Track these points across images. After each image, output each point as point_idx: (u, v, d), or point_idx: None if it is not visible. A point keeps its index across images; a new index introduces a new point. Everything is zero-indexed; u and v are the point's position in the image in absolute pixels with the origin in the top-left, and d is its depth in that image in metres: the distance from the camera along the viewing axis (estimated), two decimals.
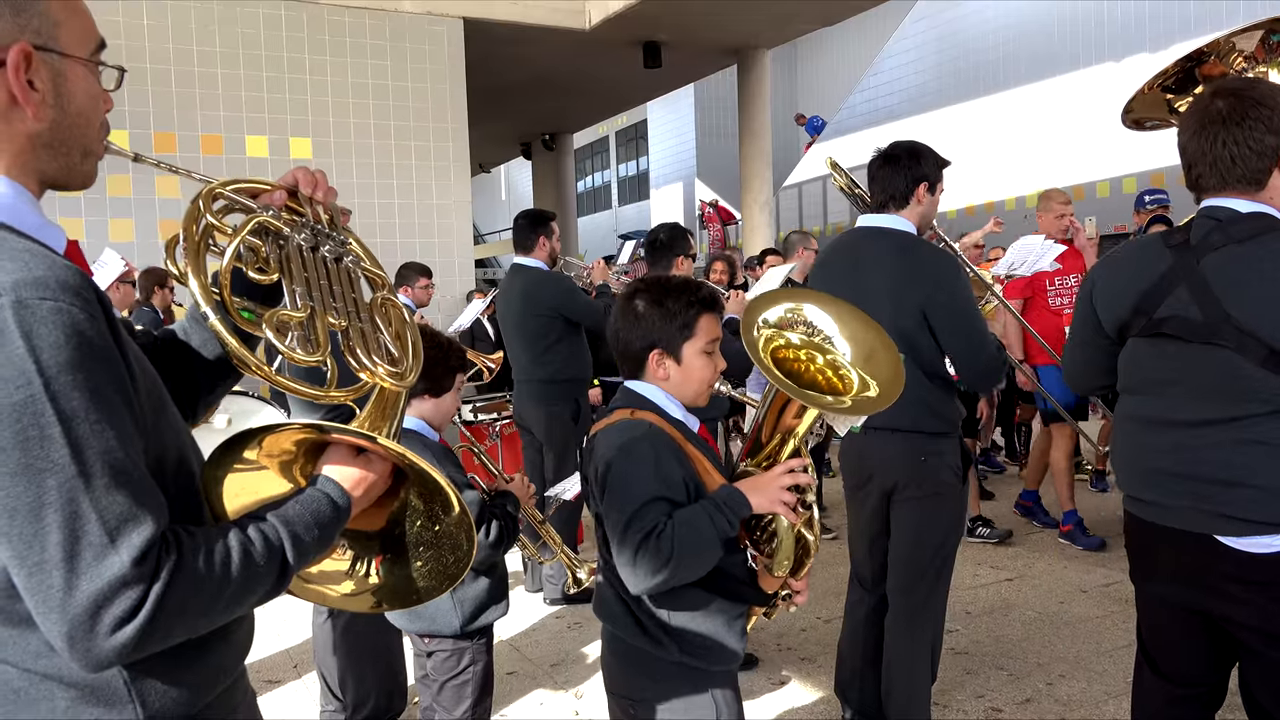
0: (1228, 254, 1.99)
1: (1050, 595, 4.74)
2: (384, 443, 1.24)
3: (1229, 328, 1.95)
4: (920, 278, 2.92)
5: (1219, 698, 2.26)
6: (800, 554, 1.99)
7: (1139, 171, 12.97)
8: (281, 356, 1.30)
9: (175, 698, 1.16)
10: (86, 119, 1.21)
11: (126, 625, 1.01)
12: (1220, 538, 2.01)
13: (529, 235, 4.99)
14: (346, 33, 9.48)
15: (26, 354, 0.98)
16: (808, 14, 11.46)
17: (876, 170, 3.09)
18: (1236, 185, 2.03)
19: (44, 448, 0.99)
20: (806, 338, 2.06)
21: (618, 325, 2.04)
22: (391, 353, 1.40)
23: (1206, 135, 2.03)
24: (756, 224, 13.30)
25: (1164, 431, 2.10)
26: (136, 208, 8.42)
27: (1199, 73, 2.49)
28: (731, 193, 19.47)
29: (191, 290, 1.28)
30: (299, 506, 1.20)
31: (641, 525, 1.82)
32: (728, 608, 1.99)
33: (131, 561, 1.01)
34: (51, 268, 1.03)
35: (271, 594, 1.18)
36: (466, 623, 2.63)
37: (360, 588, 1.37)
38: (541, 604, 4.94)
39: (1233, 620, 2.06)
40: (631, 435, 1.92)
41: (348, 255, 1.46)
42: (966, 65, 16.97)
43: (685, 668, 1.97)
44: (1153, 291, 2.08)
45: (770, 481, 1.89)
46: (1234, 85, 2.06)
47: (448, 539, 1.32)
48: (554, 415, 4.92)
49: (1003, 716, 3.49)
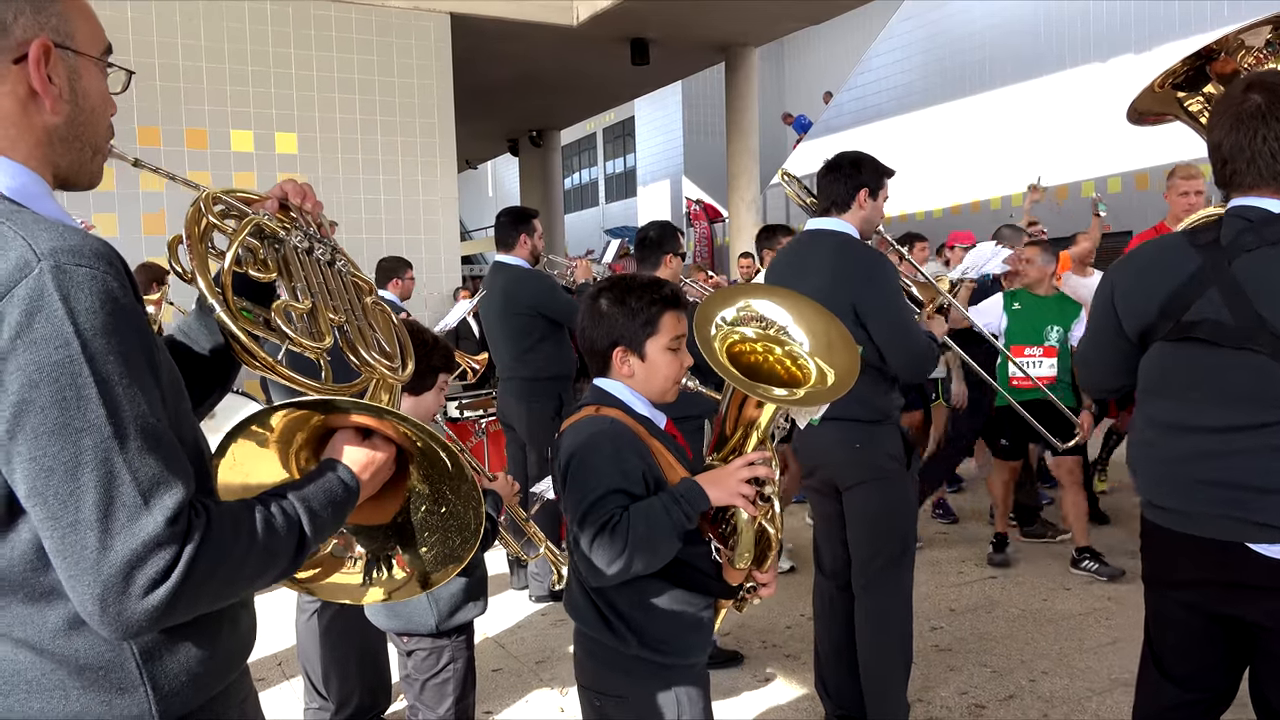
0: (1261, 256, 1.91)
1: (1034, 592, 4.77)
2: (391, 416, 1.27)
3: (1263, 333, 1.88)
4: (851, 275, 3.08)
5: (1227, 701, 2.21)
6: (762, 547, 2.00)
7: (1124, 172, 13.06)
8: (282, 351, 1.35)
9: (186, 683, 1.17)
10: (98, 116, 1.25)
11: (159, 587, 1.02)
12: (1253, 545, 1.94)
13: (510, 233, 5.01)
14: (332, 27, 9.43)
15: (65, 316, 1.01)
16: (796, 12, 11.46)
17: (821, 178, 3.32)
18: (1271, 183, 1.95)
19: (81, 408, 1.01)
20: (761, 331, 2.09)
21: (584, 324, 2.10)
22: (386, 349, 1.47)
23: (1245, 130, 1.95)
24: (743, 222, 13.31)
25: (1187, 437, 2.03)
26: (120, 202, 8.36)
27: (1210, 70, 2.45)
28: (719, 190, 19.48)
29: (198, 286, 1.32)
30: (314, 486, 1.23)
31: (598, 517, 1.86)
32: (693, 600, 2.02)
33: (165, 522, 1.03)
34: (86, 238, 1.07)
35: (289, 569, 1.21)
36: (442, 620, 2.63)
37: (390, 586, 1.40)
38: (527, 601, 4.93)
39: (1259, 625, 2.01)
40: (592, 430, 1.97)
41: (339, 259, 1.53)
42: (953, 65, 17.02)
43: (648, 662, 1.99)
44: (1181, 294, 2.00)
45: (729, 475, 1.91)
46: (1270, 79, 1.98)
47: (455, 520, 1.34)
48: (536, 412, 4.93)
49: (986, 713, 3.51)
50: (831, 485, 3.25)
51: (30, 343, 1.00)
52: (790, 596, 4.74)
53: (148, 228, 8.52)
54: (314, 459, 1.32)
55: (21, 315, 1.00)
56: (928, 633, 4.23)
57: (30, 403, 1.00)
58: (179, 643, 1.16)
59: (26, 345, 1.00)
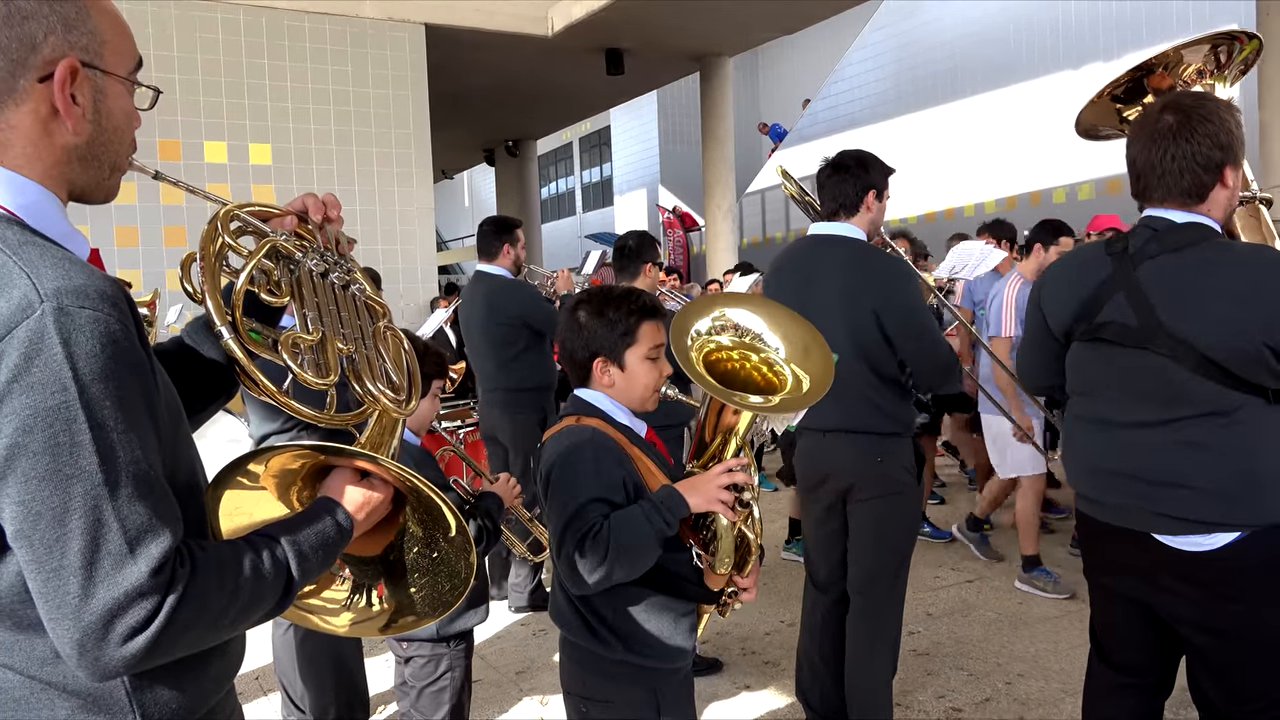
0: (1162, 263, 2.07)
1: (1009, 596, 4.81)
2: (387, 464, 1.25)
3: (1162, 334, 2.02)
4: (873, 283, 2.98)
5: (1166, 687, 2.34)
6: (742, 552, 2.04)
7: (1096, 178, 13.21)
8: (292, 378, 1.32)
9: (174, 708, 1.17)
10: (120, 135, 1.24)
11: (138, 636, 1.02)
12: (1158, 536, 2.08)
13: (493, 242, 4.96)
14: (306, 38, 9.41)
15: (64, 361, 1.01)
16: (769, 22, 11.56)
17: (825, 179, 3.14)
18: (1179, 198, 2.09)
19: (73, 454, 1.01)
20: (737, 339, 2.12)
21: (564, 335, 2.12)
22: (393, 379, 1.44)
23: (1155, 148, 2.09)
24: (719, 230, 13.37)
25: (1106, 432, 2.18)
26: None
27: (1148, 83, 2.56)
28: (695, 199, 19.55)
29: (207, 309, 1.31)
30: (306, 527, 1.22)
31: (580, 526, 1.89)
32: (674, 605, 2.05)
33: (149, 572, 1.02)
34: (90, 277, 1.06)
35: (275, 611, 1.20)
36: (443, 626, 2.62)
37: (361, 617, 1.38)
38: (507, 611, 4.92)
39: (1173, 615, 2.14)
40: (572, 440, 1.99)
41: (354, 283, 1.49)
42: (926, 73, 17.18)
43: (633, 666, 2.03)
44: (1093, 297, 2.16)
45: (708, 481, 1.94)
46: (1183, 101, 2.12)
47: (445, 565, 1.33)
48: (521, 423, 4.89)
49: (963, 716, 3.54)
50: (839, 497, 3.15)
51: (27, 387, 1.00)
52: (770, 603, 4.75)
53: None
54: (312, 493, 1.31)
55: (20, 358, 0.99)
56: (905, 638, 4.24)
57: (23, 447, 1.00)
58: (168, 670, 1.15)
59: (23, 389, 1.00)
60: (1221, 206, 2.11)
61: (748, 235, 20.32)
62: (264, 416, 3.21)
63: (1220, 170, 2.06)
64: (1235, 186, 2.10)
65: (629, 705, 2.05)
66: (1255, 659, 2.06)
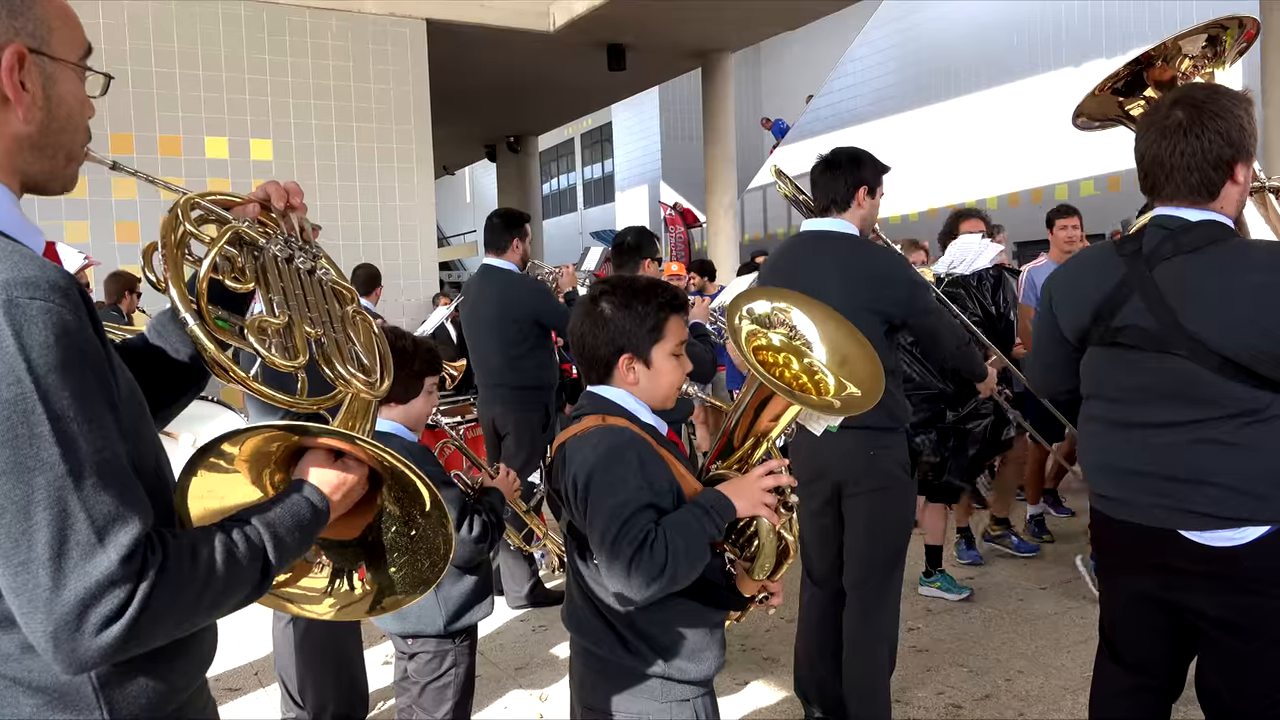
0: (1179, 264, 2.03)
1: (1010, 593, 4.81)
2: (363, 443, 1.24)
3: (1182, 337, 1.99)
4: (870, 278, 3.00)
5: (1176, 689, 2.32)
6: (780, 556, 1.97)
7: (1097, 175, 13.20)
8: (259, 363, 1.31)
9: (143, 704, 1.16)
10: (74, 123, 1.22)
11: (112, 625, 1.01)
12: (1184, 532, 2.06)
13: (503, 235, 4.87)
14: (308, 33, 9.40)
15: (17, 352, 0.99)
16: (771, 18, 11.54)
17: (818, 176, 3.19)
18: (1189, 195, 2.06)
19: (34, 446, 1.00)
20: (787, 339, 2.05)
21: (582, 329, 1.98)
22: (364, 362, 1.43)
23: (1165, 144, 2.05)
24: (720, 227, 13.35)
25: (1127, 432, 2.15)
26: (92, 209, 8.29)
27: (1147, 76, 2.55)
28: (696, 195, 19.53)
29: (171, 297, 1.29)
30: (280, 509, 1.20)
31: (633, 535, 1.75)
32: (708, 615, 1.95)
33: (120, 560, 1.01)
34: (42, 269, 1.05)
35: (253, 596, 1.19)
36: (450, 622, 2.62)
37: (344, 601, 1.37)
38: (506, 607, 4.92)
39: (1194, 610, 2.12)
40: (611, 443, 1.85)
41: (320, 268, 1.48)
42: (928, 70, 17.16)
43: (666, 680, 1.92)
44: (1109, 300, 2.12)
45: (752, 484, 1.86)
46: (1195, 96, 2.08)
47: (424, 543, 1.32)
48: (525, 420, 4.88)
49: (963, 713, 3.54)
50: (835, 492, 3.18)
51: None
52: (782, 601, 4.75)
53: (121, 235, 8.45)
54: (287, 477, 1.29)
55: None
56: (905, 634, 4.25)
57: None
58: (136, 665, 1.14)
59: None
60: (1233, 203, 2.08)
61: (749, 231, 20.31)
62: (263, 410, 3.21)
63: (1231, 168, 2.02)
64: (1246, 182, 2.07)
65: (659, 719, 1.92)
66: (1269, 655, 2.05)
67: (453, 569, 2.56)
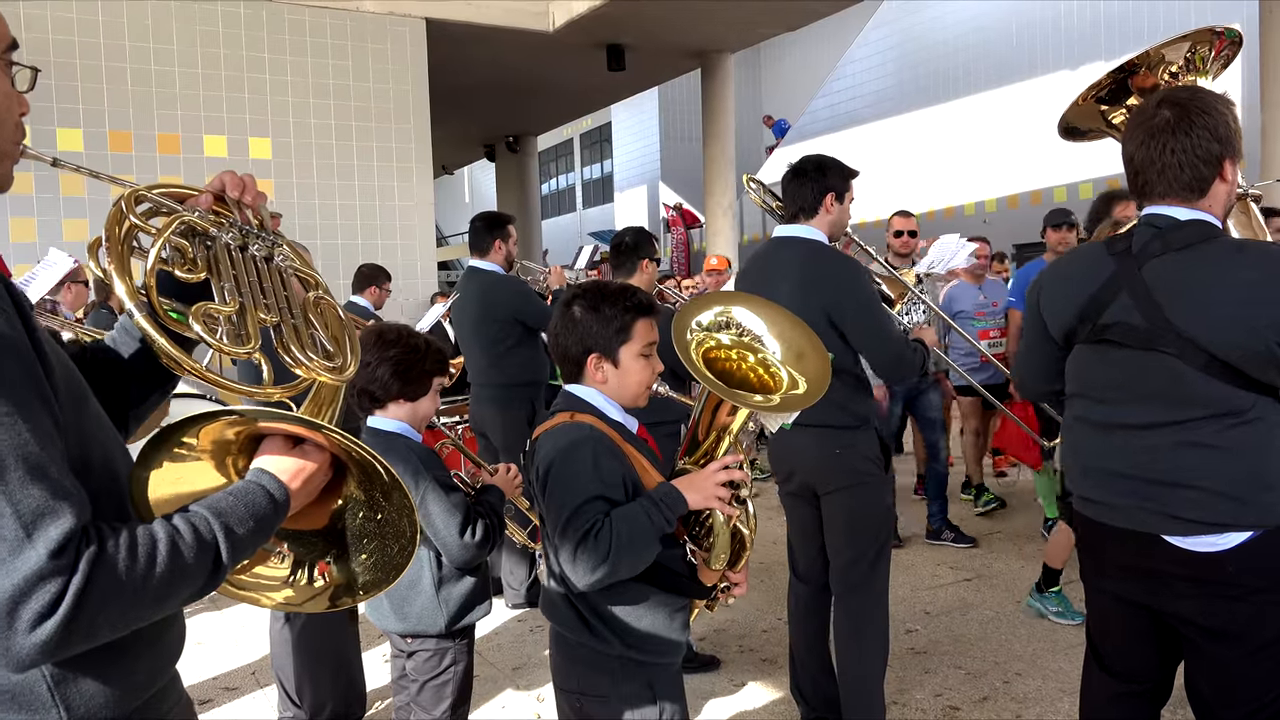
0: (1167, 261, 2.04)
1: (1008, 595, 4.81)
2: (323, 429, 1.21)
3: (1170, 334, 2.00)
4: (823, 282, 3.09)
5: (1164, 694, 2.32)
6: (736, 547, 2.07)
7: (1096, 178, 13.20)
8: (212, 355, 1.30)
9: (101, 703, 1.14)
10: (2, 119, 1.19)
11: (46, 620, 0.99)
12: (1166, 537, 2.06)
13: (485, 238, 4.99)
14: (307, 32, 9.40)
15: None
16: (770, 18, 11.55)
17: (787, 184, 3.29)
18: (1180, 193, 2.06)
19: None
20: (737, 338, 2.14)
21: (557, 330, 2.12)
22: (326, 348, 1.41)
23: (1154, 144, 2.06)
24: (720, 227, 13.36)
25: (1111, 434, 2.15)
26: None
27: (1131, 84, 2.55)
28: (695, 196, 19.54)
29: (116, 292, 1.27)
30: (232, 498, 1.17)
31: (580, 523, 1.89)
32: (669, 601, 2.07)
33: (48, 554, 0.99)
34: None
35: (206, 588, 1.15)
36: (451, 622, 2.62)
37: (303, 594, 1.34)
38: (503, 607, 4.92)
39: (1177, 616, 2.12)
40: (572, 438, 1.99)
41: (278, 255, 1.46)
42: (926, 71, 17.17)
43: (629, 661, 2.04)
44: (1097, 298, 2.13)
45: (705, 478, 1.97)
46: (1179, 95, 2.10)
47: (391, 527, 1.30)
48: (510, 418, 4.92)
49: (960, 714, 3.54)
50: (809, 490, 3.27)
51: None
52: (766, 600, 4.75)
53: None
54: (248, 459, 1.27)
55: None
56: (903, 635, 4.25)
57: None
58: (92, 663, 1.12)
59: None
60: (1222, 201, 2.09)
61: (748, 232, 20.31)
62: None
63: (1220, 163, 2.03)
64: (1234, 180, 2.08)
65: (625, 699, 2.05)
66: (1256, 661, 2.04)
67: (453, 570, 2.57)
